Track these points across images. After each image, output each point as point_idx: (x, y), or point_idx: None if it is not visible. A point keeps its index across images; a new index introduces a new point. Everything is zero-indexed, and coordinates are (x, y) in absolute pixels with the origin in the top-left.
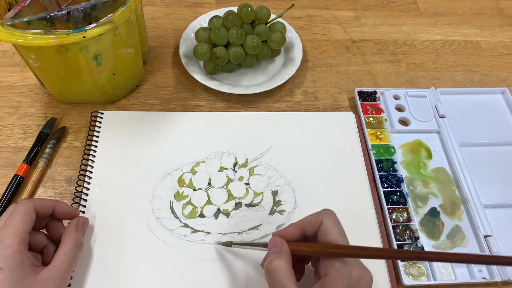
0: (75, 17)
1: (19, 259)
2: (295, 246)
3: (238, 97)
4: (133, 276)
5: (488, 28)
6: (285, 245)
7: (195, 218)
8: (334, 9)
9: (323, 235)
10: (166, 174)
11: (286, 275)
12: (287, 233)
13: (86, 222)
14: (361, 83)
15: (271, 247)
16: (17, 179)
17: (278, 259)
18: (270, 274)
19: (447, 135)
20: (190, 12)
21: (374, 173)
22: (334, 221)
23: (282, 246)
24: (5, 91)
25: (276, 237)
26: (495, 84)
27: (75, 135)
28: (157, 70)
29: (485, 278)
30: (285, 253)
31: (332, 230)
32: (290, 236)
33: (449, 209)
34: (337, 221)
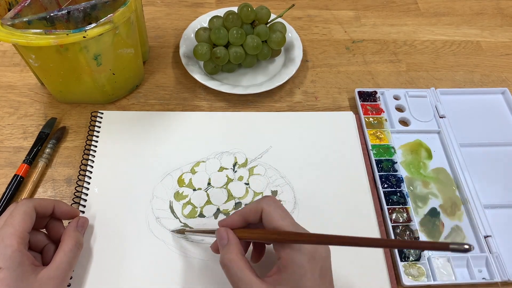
0: (75, 17)
1: (19, 259)
2: (241, 233)
3: (238, 97)
4: (133, 276)
5: (488, 28)
6: (231, 234)
7: (194, 218)
8: (334, 9)
9: (267, 221)
10: (166, 174)
11: (240, 265)
12: (232, 221)
13: (86, 222)
14: (361, 83)
15: (219, 240)
16: (17, 179)
17: (228, 253)
18: (225, 268)
19: (447, 135)
20: (190, 12)
21: (374, 173)
22: (274, 206)
23: (229, 237)
24: (5, 91)
25: (220, 228)
26: (495, 84)
27: (75, 135)
28: (157, 70)
29: (485, 278)
30: (233, 244)
31: (274, 215)
32: (234, 224)
33: (449, 210)
34: (278, 205)
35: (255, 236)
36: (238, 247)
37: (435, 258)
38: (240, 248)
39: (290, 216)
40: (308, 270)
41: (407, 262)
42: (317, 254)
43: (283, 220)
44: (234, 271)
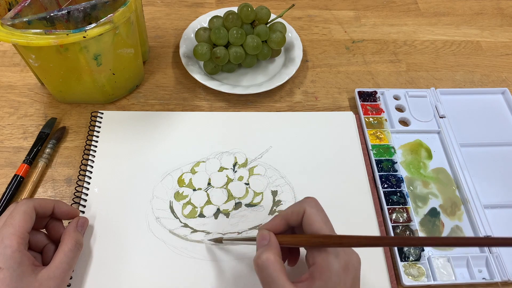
0: (75, 17)
1: (19, 259)
2: (281, 238)
3: (238, 97)
4: (133, 276)
5: (488, 28)
6: (273, 237)
7: (195, 218)
8: (334, 9)
9: (307, 224)
10: (166, 174)
11: (276, 268)
12: (273, 225)
13: (86, 222)
14: (361, 83)
15: (259, 240)
16: (17, 179)
17: (266, 253)
18: (260, 268)
19: (447, 135)
20: (190, 12)
21: (374, 173)
22: (316, 209)
23: (270, 238)
24: (5, 91)
25: (263, 230)
26: (495, 84)
27: (75, 135)
28: (157, 70)
29: (485, 278)
30: (273, 245)
31: (315, 218)
32: (276, 227)
33: (449, 210)
34: (319, 208)
35: (296, 241)
36: (277, 249)
37: (435, 258)
38: (279, 250)
39: (329, 221)
40: (342, 279)
41: (407, 262)
42: (351, 263)
43: (325, 224)
44: (270, 272)
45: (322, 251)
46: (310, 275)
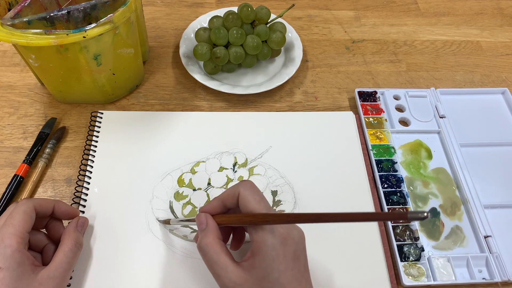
0: (75, 17)
1: (19, 259)
2: (218, 218)
3: (238, 97)
4: (133, 276)
5: (488, 28)
6: (210, 219)
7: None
8: (334, 9)
9: (243, 205)
10: (166, 174)
11: (216, 250)
12: (210, 207)
13: (85, 222)
14: (361, 83)
15: (198, 224)
16: (17, 179)
17: (206, 237)
18: (202, 252)
19: (447, 135)
20: (190, 12)
21: (374, 173)
22: (250, 190)
23: (207, 221)
24: (5, 91)
25: (200, 214)
26: (495, 84)
27: (75, 135)
28: (157, 70)
29: (485, 278)
30: (211, 228)
31: (249, 199)
32: (213, 209)
33: (449, 210)
34: (254, 189)
35: (231, 220)
36: (215, 231)
37: (435, 258)
38: (218, 233)
39: (265, 200)
40: (280, 253)
41: (407, 262)
42: (290, 237)
43: (258, 204)
44: (211, 255)
45: (258, 229)
46: (251, 253)
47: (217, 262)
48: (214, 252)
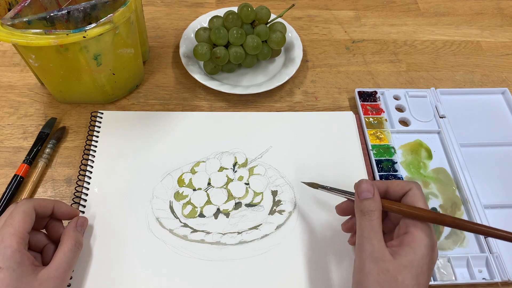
0: (75, 17)
1: (19, 259)
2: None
3: (238, 97)
4: (133, 276)
5: (488, 28)
6: (378, 195)
7: (194, 218)
8: (334, 9)
9: (410, 200)
10: (166, 174)
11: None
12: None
13: (85, 222)
14: (361, 83)
15: (362, 190)
16: (17, 179)
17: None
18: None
19: (447, 136)
20: (190, 12)
21: (374, 173)
22: (421, 192)
23: (375, 194)
24: (5, 91)
25: (367, 181)
26: (495, 84)
27: (75, 135)
28: (157, 70)
29: (485, 278)
30: (378, 201)
31: (420, 198)
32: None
33: (449, 210)
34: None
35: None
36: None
37: None
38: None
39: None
40: (427, 255)
41: None
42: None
43: (425, 205)
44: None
45: (417, 224)
46: (399, 242)
47: (376, 230)
48: (378, 219)
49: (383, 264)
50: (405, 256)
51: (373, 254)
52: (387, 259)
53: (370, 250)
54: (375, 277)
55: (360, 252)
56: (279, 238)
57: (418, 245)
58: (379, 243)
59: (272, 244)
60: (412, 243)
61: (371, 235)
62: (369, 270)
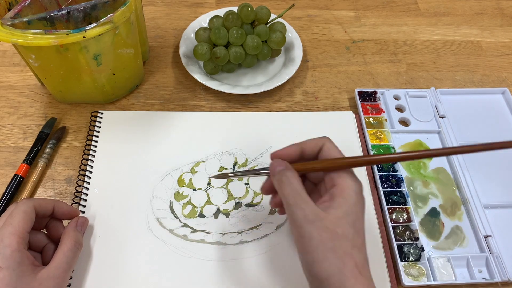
0: (75, 17)
1: (18, 259)
2: (303, 165)
3: (238, 97)
4: (133, 276)
5: (488, 28)
6: (288, 164)
7: (194, 218)
8: (334, 9)
9: (325, 156)
10: (166, 174)
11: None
12: (287, 152)
13: (85, 221)
14: (361, 83)
15: (274, 167)
16: (17, 179)
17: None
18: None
19: (447, 136)
20: (190, 12)
21: (374, 173)
22: (334, 144)
23: (286, 165)
24: (5, 91)
25: (276, 159)
26: (495, 84)
27: (75, 135)
28: (157, 70)
29: (485, 278)
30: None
31: (335, 149)
32: (290, 155)
33: (449, 210)
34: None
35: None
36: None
37: (435, 258)
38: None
39: None
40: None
41: (407, 262)
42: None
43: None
44: (295, 185)
45: (341, 175)
46: (329, 196)
47: (301, 193)
48: (298, 183)
49: (320, 223)
50: (339, 208)
51: (307, 218)
52: (322, 217)
53: (303, 214)
54: (317, 239)
55: (294, 221)
56: (279, 238)
57: (348, 193)
58: (308, 204)
59: (272, 244)
60: (342, 193)
61: (297, 200)
62: (309, 234)
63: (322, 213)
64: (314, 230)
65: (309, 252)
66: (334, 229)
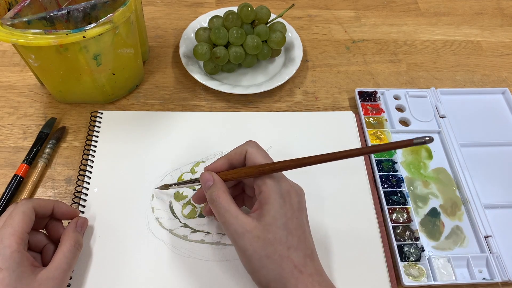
0: (75, 17)
1: (18, 259)
2: (225, 175)
3: (238, 97)
4: (133, 276)
5: (488, 28)
6: (216, 176)
7: (194, 218)
8: (334, 9)
9: (251, 161)
10: (166, 174)
11: (227, 199)
12: (217, 165)
13: (85, 222)
14: (361, 83)
15: (203, 182)
16: (16, 179)
17: (215, 189)
18: (213, 203)
19: (447, 135)
20: (190, 12)
21: (374, 173)
22: (257, 148)
23: (214, 178)
24: (5, 91)
25: (204, 172)
26: (495, 84)
27: (75, 135)
28: (157, 70)
29: (486, 278)
30: (219, 183)
31: (257, 155)
32: (220, 168)
33: (450, 210)
34: (260, 148)
35: (241, 173)
36: (223, 185)
37: (435, 258)
38: (225, 187)
39: (270, 157)
40: (287, 201)
41: (407, 262)
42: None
43: (265, 159)
44: (222, 204)
45: (265, 181)
46: (259, 203)
47: (229, 210)
48: (225, 201)
49: (249, 234)
50: (267, 214)
51: (237, 232)
52: (252, 228)
53: (233, 229)
54: (250, 250)
55: (229, 235)
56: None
57: (273, 197)
58: (236, 218)
59: None
60: (268, 199)
61: (226, 216)
62: (243, 246)
63: (250, 224)
64: (245, 242)
65: (246, 262)
66: (265, 236)
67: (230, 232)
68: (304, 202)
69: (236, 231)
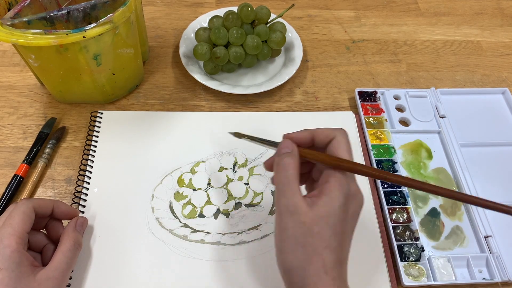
0: (75, 17)
1: (18, 259)
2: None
3: (238, 97)
4: (133, 276)
5: (488, 28)
6: (296, 149)
7: (194, 218)
8: (334, 9)
9: (333, 148)
10: (166, 174)
11: (295, 173)
12: (299, 137)
13: (85, 222)
14: (361, 83)
15: (281, 148)
16: (16, 179)
17: (289, 158)
18: (281, 168)
19: (447, 136)
20: (190, 12)
21: None
22: (346, 139)
23: (293, 148)
24: (5, 91)
25: (287, 140)
26: (495, 84)
27: (75, 135)
28: (157, 70)
29: (485, 278)
30: (295, 155)
31: (342, 146)
32: (301, 140)
33: (450, 210)
34: (348, 140)
35: (318, 158)
36: (298, 160)
37: (435, 258)
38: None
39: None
40: (347, 204)
41: (407, 262)
42: (358, 197)
43: (348, 153)
44: (290, 174)
45: (337, 173)
46: (319, 191)
47: (291, 183)
48: (292, 174)
49: (298, 217)
50: (322, 207)
51: (288, 208)
52: (303, 212)
53: (285, 204)
54: (290, 231)
55: (277, 207)
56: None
57: (335, 194)
58: (294, 196)
59: (272, 244)
60: (330, 193)
61: (286, 188)
62: (285, 224)
63: (304, 207)
64: (290, 221)
65: (280, 240)
66: (311, 226)
67: (281, 204)
68: (360, 212)
69: (287, 206)
